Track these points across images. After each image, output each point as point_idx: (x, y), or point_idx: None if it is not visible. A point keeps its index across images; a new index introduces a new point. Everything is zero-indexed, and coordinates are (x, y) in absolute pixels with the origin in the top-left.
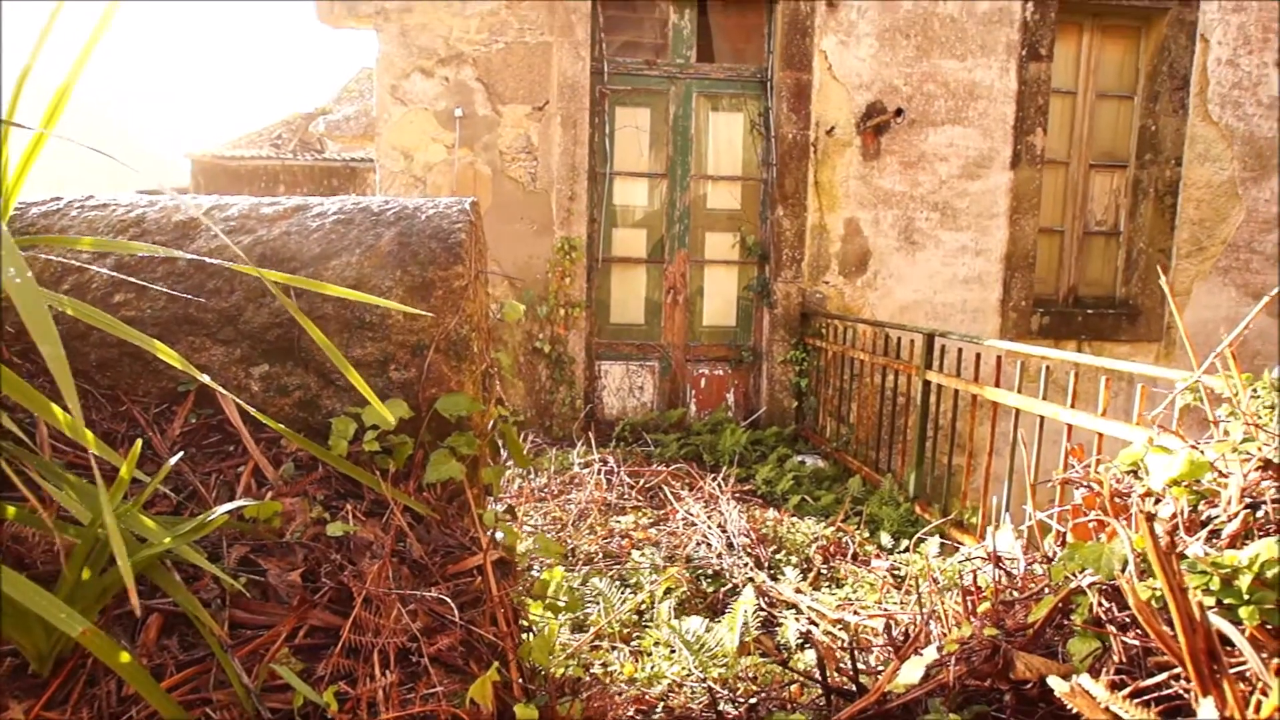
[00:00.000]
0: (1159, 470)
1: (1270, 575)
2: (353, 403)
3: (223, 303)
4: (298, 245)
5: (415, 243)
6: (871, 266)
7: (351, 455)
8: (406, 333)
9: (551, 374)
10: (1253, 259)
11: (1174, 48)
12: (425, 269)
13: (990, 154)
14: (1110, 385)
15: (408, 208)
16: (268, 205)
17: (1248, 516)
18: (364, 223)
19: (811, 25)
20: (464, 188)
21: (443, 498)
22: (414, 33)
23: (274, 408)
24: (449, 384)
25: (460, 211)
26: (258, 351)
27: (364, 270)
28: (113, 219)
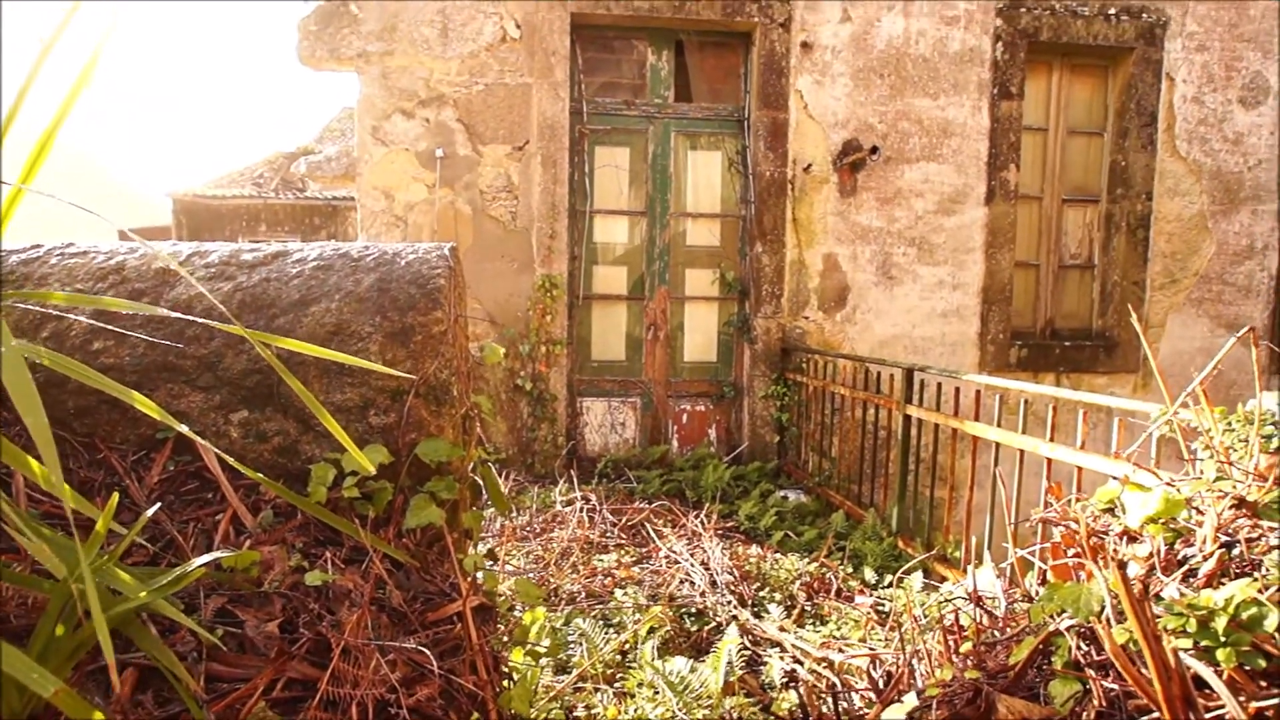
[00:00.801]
0: (1135, 508)
1: (1245, 617)
2: (332, 448)
3: (202, 349)
4: (277, 291)
5: (395, 289)
6: (850, 301)
7: (331, 501)
8: (386, 378)
9: (533, 411)
10: (1225, 290)
11: (1141, 86)
12: (404, 314)
13: (965, 190)
14: (1088, 418)
15: (387, 254)
16: (248, 252)
17: (1223, 556)
18: (344, 269)
19: (787, 66)
20: (445, 227)
21: (423, 543)
22: (395, 75)
23: (253, 454)
24: (429, 428)
25: (439, 257)
26: (237, 398)
27: (344, 316)
28: (92, 267)
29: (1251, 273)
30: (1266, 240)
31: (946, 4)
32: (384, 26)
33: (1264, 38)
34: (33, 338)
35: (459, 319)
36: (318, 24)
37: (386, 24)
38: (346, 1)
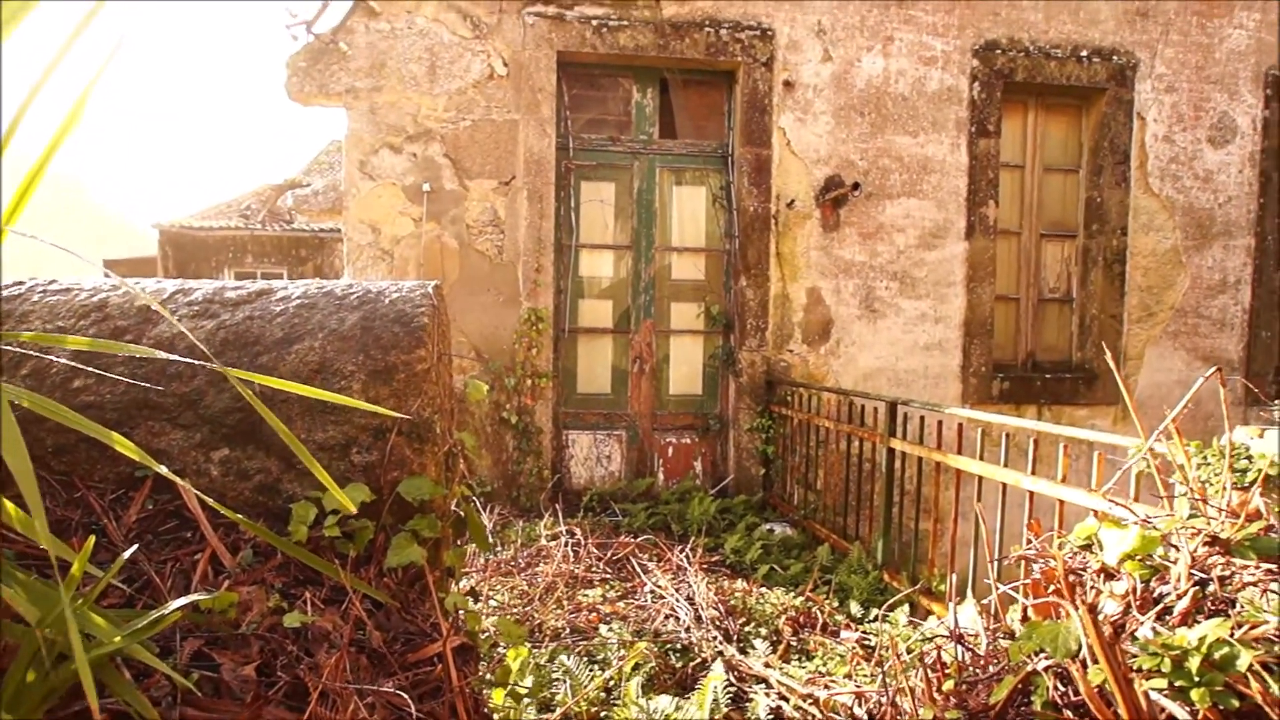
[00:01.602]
0: (1112, 545)
1: (1218, 657)
2: (314, 486)
3: (184, 387)
4: (260, 330)
5: (378, 327)
6: (834, 334)
7: (312, 540)
8: (369, 416)
9: (519, 444)
10: (1200, 323)
11: (1113, 125)
12: (388, 353)
13: (946, 225)
14: (1069, 451)
15: (371, 292)
16: (232, 289)
17: (1197, 594)
18: (327, 307)
19: (770, 103)
20: (431, 260)
21: (404, 582)
22: (383, 111)
23: (233, 492)
24: (411, 466)
25: (423, 295)
26: (218, 436)
27: (327, 354)
28: (75, 304)
29: (1225, 306)
30: (1239, 275)
31: (924, 45)
32: (373, 63)
33: (1229, 80)
34: (12, 375)
35: (443, 356)
36: (307, 60)
37: (375, 61)
38: (336, 39)
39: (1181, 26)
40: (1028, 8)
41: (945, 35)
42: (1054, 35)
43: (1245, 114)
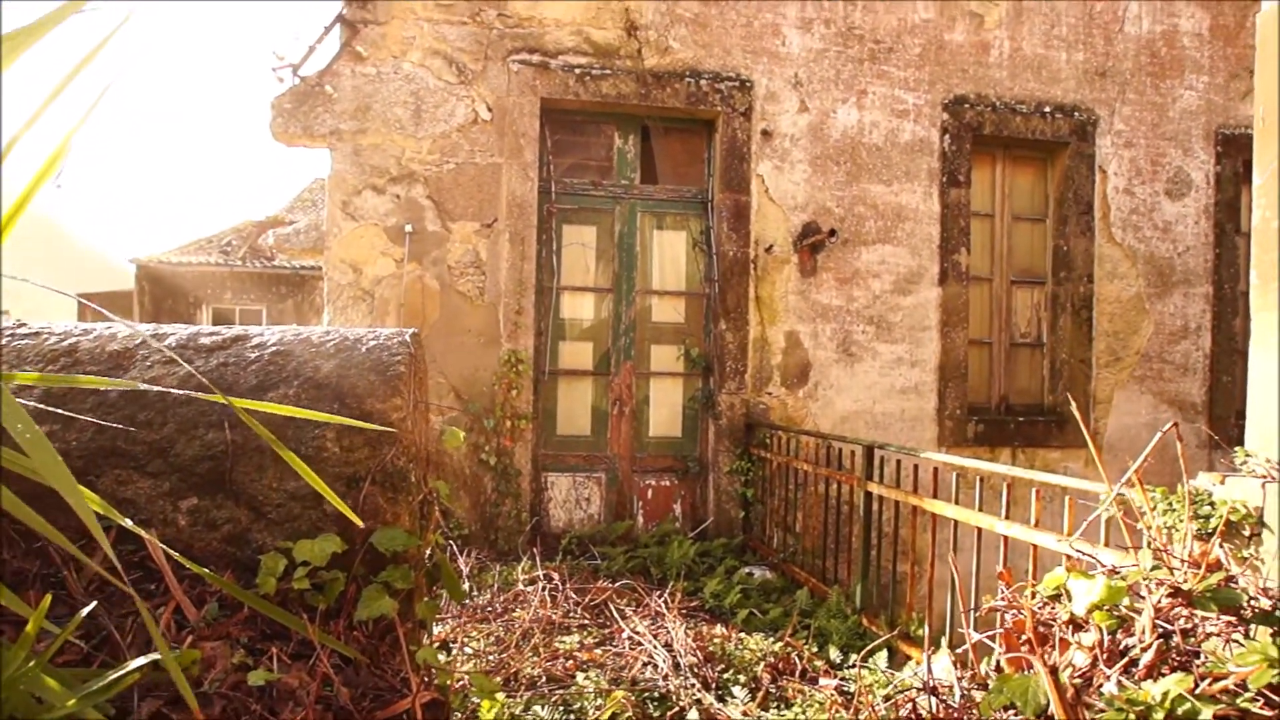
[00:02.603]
0: (1080, 595)
1: (1181, 712)
2: (284, 536)
3: (154, 435)
4: (234, 377)
5: (354, 375)
6: (812, 378)
7: (280, 593)
8: (341, 464)
9: (497, 486)
10: (1165, 368)
11: (1077, 177)
12: (363, 402)
13: (920, 271)
14: (1041, 495)
15: (348, 339)
16: (207, 335)
17: (1161, 646)
18: (303, 354)
19: (748, 151)
20: (412, 301)
21: (374, 635)
22: (367, 153)
23: (201, 543)
24: (385, 516)
25: (400, 343)
26: (187, 484)
27: (300, 403)
28: (44, 348)
29: (1188, 352)
30: (1199, 321)
31: (896, 99)
32: (358, 106)
33: (1182, 137)
34: None
35: (419, 404)
36: (292, 102)
37: (360, 104)
38: (322, 82)
39: (1137, 86)
40: (993, 65)
41: (916, 90)
42: (1019, 92)
43: (1199, 169)
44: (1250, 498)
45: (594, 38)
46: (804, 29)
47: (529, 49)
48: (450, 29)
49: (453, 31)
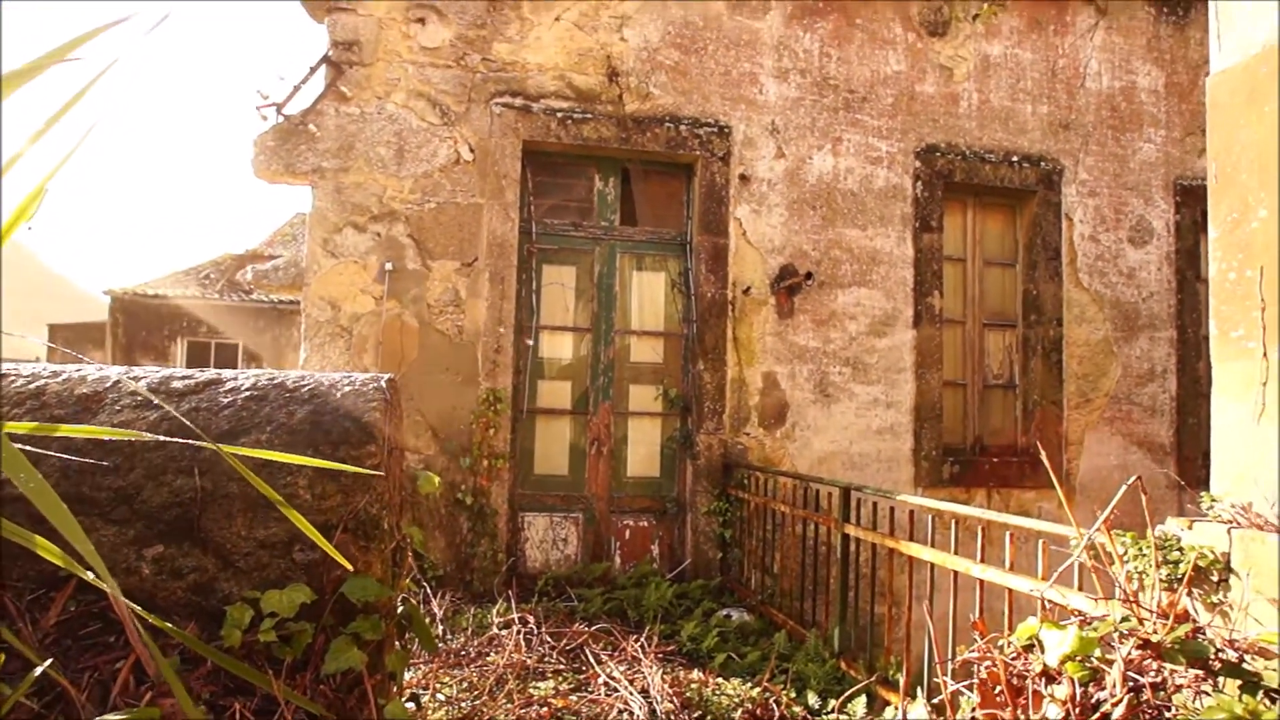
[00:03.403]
0: (1053, 646)
1: None
2: (252, 585)
3: (120, 480)
4: (206, 421)
5: (328, 421)
6: (790, 418)
7: (246, 645)
8: (314, 512)
9: (473, 527)
10: (1133, 410)
11: (1044, 224)
12: (337, 448)
13: (894, 313)
14: (1016, 539)
15: (323, 384)
16: (180, 378)
17: (1132, 700)
18: (277, 400)
19: (727, 195)
20: (391, 339)
21: (342, 687)
22: (349, 191)
23: (165, 592)
24: (357, 564)
25: (375, 390)
26: (153, 532)
27: (273, 449)
28: (10, 391)
29: (1155, 394)
30: (1165, 364)
31: (870, 146)
32: (341, 145)
33: (1143, 187)
34: None
35: (394, 451)
36: (275, 140)
37: (344, 143)
38: (306, 121)
39: (1099, 138)
40: (963, 116)
41: (889, 138)
42: (987, 141)
43: (1159, 218)
44: (1217, 543)
45: (576, 83)
46: (780, 78)
47: (512, 92)
48: (435, 71)
49: (437, 74)
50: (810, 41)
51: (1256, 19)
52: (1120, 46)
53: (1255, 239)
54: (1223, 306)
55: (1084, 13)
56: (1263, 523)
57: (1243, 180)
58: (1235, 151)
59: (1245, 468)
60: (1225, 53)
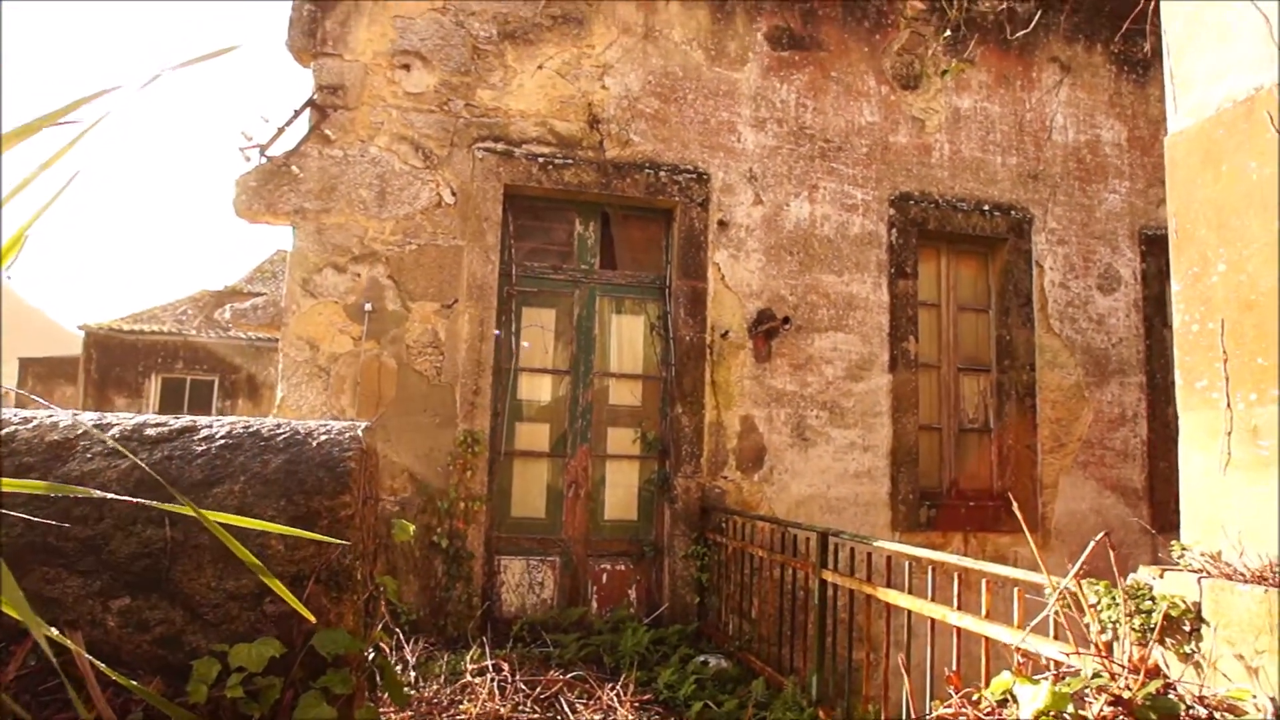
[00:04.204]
0: (1027, 701)
1: None
2: (220, 638)
3: (88, 530)
4: (180, 470)
5: (303, 471)
6: (767, 462)
7: (213, 700)
8: (285, 563)
9: (448, 570)
10: (1106, 454)
11: (1016, 271)
12: (311, 498)
13: (871, 358)
14: (992, 586)
15: (299, 433)
16: (153, 425)
17: None
18: (252, 448)
19: (705, 240)
20: (369, 380)
21: None
22: (330, 231)
23: (131, 645)
24: (328, 616)
25: (352, 438)
26: (120, 583)
27: (247, 499)
28: None
29: (1126, 439)
30: (1135, 409)
31: (846, 194)
32: (323, 186)
33: (1110, 236)
34: None
35: (368, 500)
36: (257, 181)
37: (326, 184)
38: (289, 163)
39: (1067, 189)
40: (935, 165)
41: (865, 186)
42: (959, 190)
43: (1126, 266)
44: (1188, 592)
45: (558, 129)
46: (758, 127)
47: (494, 137)
48: (418, 116)
49: (420, 119)
50: (787, 92)
51: (1209, 84)
52: (1084, 102)
53: (1215, 292)
54: (1187, 357)
55: (1049, 69)
56: (1231, 572)
57: (1202, 235)
58: (1194, 208)
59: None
60: (1181, 115)
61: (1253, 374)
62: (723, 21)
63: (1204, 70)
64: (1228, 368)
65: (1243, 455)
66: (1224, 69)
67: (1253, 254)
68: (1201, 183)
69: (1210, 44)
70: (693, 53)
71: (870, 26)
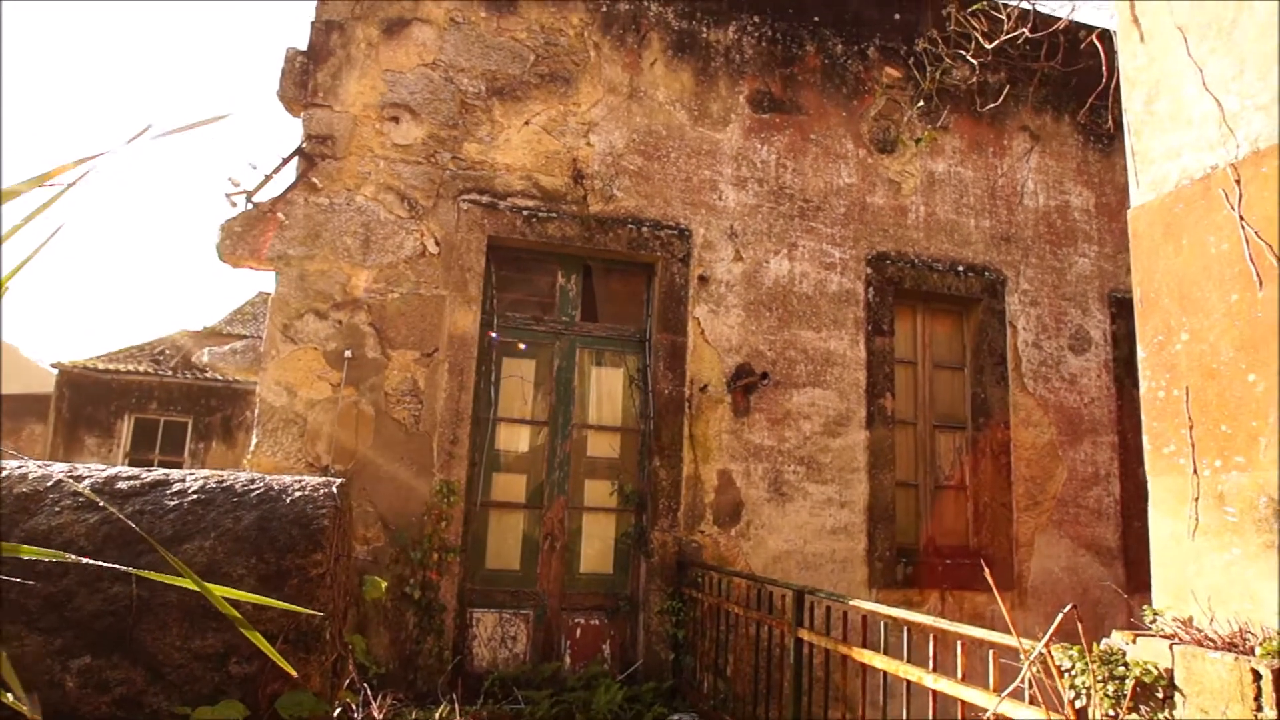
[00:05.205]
0: None
1: None
2: (182, 700)
3: (51, 586)
4: (149, 525)
5: (275, 528)
6: (745, 517)
7: None
8: (254, 622)
9: (419, 622)
10: (1080, 513)
11: (990, 330)
12: (282, 556)
13: (848, 414)
14: (968, 647)
15: (273, 489)
16: (125, 478)
17: None
18: (224, 504)
19: (686, 295)
20: (346, 427)
21: None
22: (313, 278)
23: (90, 706)
24: (296, 676)
25: (326, 495)
26: (83, 641)
27: (217, 556)
28: None
29: (1100, 497)
30: (1108, 468)
31: (824, 252)
32: (308, 233)
33: (1080, 298)
34: None
35: (341, 557)
36: (242, 226)
37: (311, 231)
38: (275, 209)
39: (1038, 252)
40: (911, 227)
41: (842, 245)
42: (935, 251)
43: (1096, 327)
44: (1160, 659)
45: (542, 183)
46: (739, 186)
47: (479, 190)
48: (405, 167)
49: (407, 170)
50: (767, 153)
51: (1166, 161)
52: (1054, 169)
53: (1180, 360)
54: (1154, 423)
55: (1019, 137)
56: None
57: (1165, 305)
58: (1156, 279)
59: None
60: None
61: (1217, 441)
62: (706, 84)
63: (1161, 148)
64: (1193, 434)
65: (1210, 521)
66: (1180, 148)
67: (1213, 324)
68: (1163, 254)
69: (1167, 124)
70: (676, 113)
71: (848, 92)
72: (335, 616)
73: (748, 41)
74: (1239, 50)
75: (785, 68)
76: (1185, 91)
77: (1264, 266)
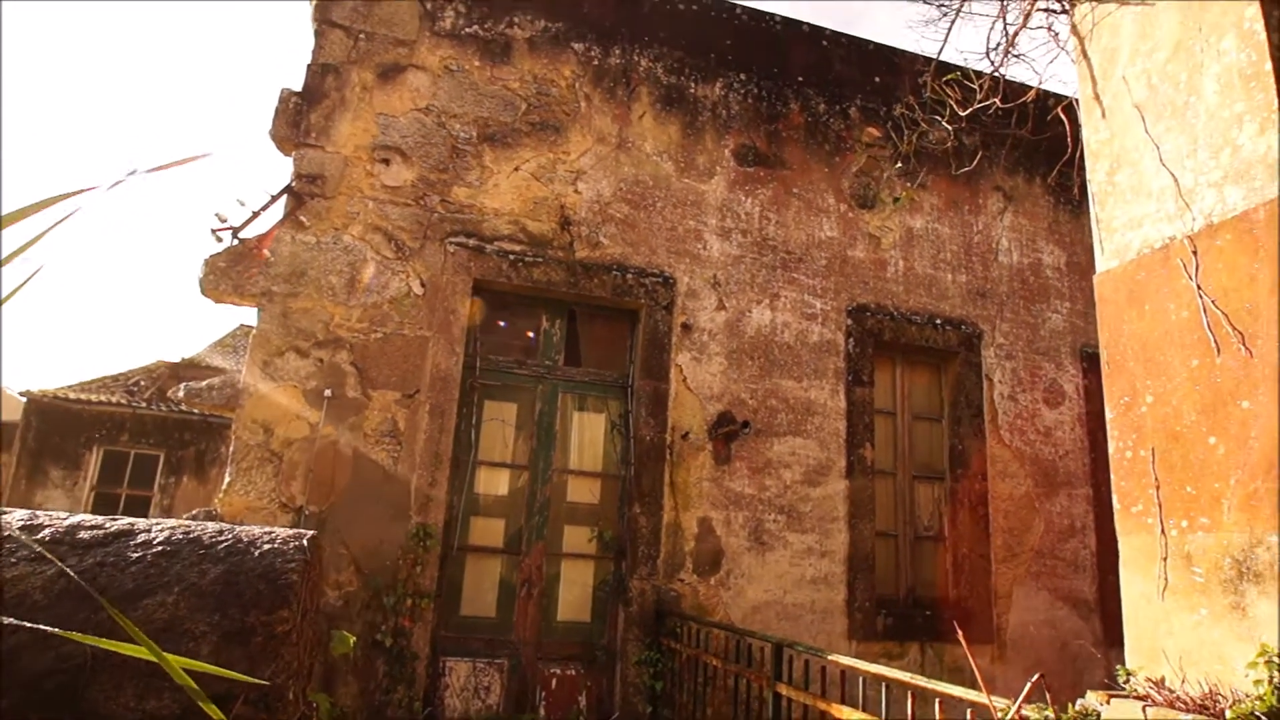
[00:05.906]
0: None
1: None
2: None
3: None
4: (109, 579)
5: (242, 582)
6: (725, 565)
7: None
8: (214, 682)
9: (390, 671)
10: (1057, 565)
11: (967, 384)
12: (247, 613)
13: (828, 463)
14: (944, 706)
15: (241, 541)
16: (88, 527)
17: None
18: (190, 556)
19: (669, 342)
20: (322, 467)
21: None
22: (296, 315)
23: None
24: None
25: (296, 549)
26: (30, 703)
27: (179, 612)
28: None
29: (1076, 550)
30: (1084, 521)
31: (806, 303)
32: (293, 271)
33: (1053, 352)
34: None
35: (308, 613)
36: (227, 262)
37: (296, 269)
38: (260, 246)
39: (1013, 307)
40: (890, 280)
41: (824, 296)
42: (913, 304)
43: (1069, 381)
44: None
45: (529, 228)
46: (723, 236)
47: (466, 233)
48: (394, 209)
49: (395, 211)
50: (751, 205)
51: (1128, 231)
52: (1026, 228)
53: (1145, 422)
54: (1122, 482)
55: (994, 197)
56: (1174, 700)
57: (1130, 368)
58: (1122, 342)
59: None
60: (1107, 255)
61: (1183, 501)
62: (693, 137)
63: (1124, 218)
64: (1160, 494)
65: (1179, 581)
66: (1141, 218)
67: (1175, 388)
68: (1128, 319)
69: (1128, 195)
70: (663, 164)
71: (830, 149)
72: (300, 675)
73: (734, 97)
74: (1192, 130)
75: (770, 124)
76: (1144, 165)
77: (1221, 335)
